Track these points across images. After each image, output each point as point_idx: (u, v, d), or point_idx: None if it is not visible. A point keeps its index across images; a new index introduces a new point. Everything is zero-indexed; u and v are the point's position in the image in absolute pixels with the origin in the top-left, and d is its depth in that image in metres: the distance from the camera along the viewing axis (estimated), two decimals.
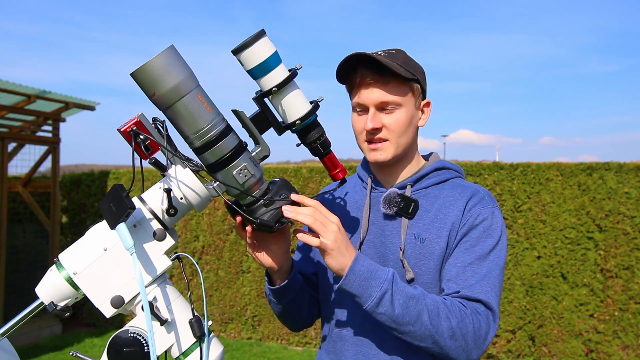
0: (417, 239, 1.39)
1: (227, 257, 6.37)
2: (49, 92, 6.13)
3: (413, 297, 1.26)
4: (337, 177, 1.39)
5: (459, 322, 1.25)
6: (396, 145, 1.43)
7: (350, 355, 1.42)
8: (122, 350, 1.11)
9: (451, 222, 1.38)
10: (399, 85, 1.40)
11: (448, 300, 1.29)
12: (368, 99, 1.41)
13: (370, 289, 1.25)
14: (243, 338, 6.36)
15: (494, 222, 1.38)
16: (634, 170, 5.04)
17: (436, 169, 1.48)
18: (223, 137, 1.19)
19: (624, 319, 4.99)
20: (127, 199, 1.07)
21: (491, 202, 1.42)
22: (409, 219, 1.42)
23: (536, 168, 5.34)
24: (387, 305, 1.25)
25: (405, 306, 1.25)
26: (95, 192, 7.23)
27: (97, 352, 5.78)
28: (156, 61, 1.12)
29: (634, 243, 4.98)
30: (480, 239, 1.36)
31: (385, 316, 1.25)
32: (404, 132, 1.43)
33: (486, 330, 1.29)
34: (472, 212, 1.38)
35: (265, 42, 1.23)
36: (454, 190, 1.44)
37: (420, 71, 1.46)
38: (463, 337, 1.26)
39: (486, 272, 1.33)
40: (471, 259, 1.34)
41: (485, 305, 1.30)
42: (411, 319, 1.25)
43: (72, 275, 1.13)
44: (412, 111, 1.44)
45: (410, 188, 1.45)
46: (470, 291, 1.31)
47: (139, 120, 1.16)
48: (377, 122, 1.41)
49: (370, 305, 1.25)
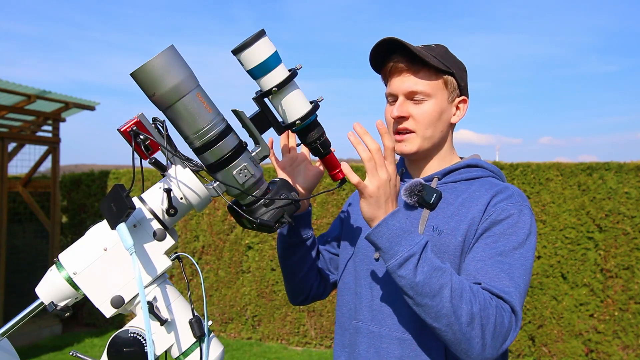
0: (435, 231, 1.34)
1: (227, 257, 6.37)
2: (49, 92, 6.12)
3: (439, 268, 1.18)
4: (337, 177, 1.39)
5: (481, 310, 1.16)
6: (422, 137, 1.40)
7: (364, 348, 1.40)
8: (122, 350, 1.11)
9: (472, 217, 1.32)
10: (430, 76, 1.38)
11: (475, 287, 1.20)
12: (397, 88, 1.40)
13: (398, 246, 1.18)
14: (243, 338, 6.36)
15: (521, 219, 1.29)
16: (634, 170, 5.04)
17: (468, 166, 1.44)
18: (223, 137, 1.19)
19: (624, 319, 4.99)
20: (127, 199, 1.07)
21: (521, 200, 1.34)
22: (430, 209, 1.38)
23: (536, 168, 5.35)
24: (410, 269, 1.17)
25: (428, 275, 1.17)
26: (95, 192, 7.23)
27: (97, 352, 5.77)
28: (156, 61, 1.12)
29: (634, 243, 4.98)
30: (503, 235, 1.28)
31: (405, 280, 1.18)
32: (431, 124, 1.39)
33: (507, 330, 1.19)
34: (497, 207, 1.31)
35: (265, 42, 1.23)
36: (483, 186, 1.38)
37: (458, 66, 1.43)
38: (481, 327, 1.16)
39: (509, 269, 1.24)
40: (492, 254, 1.26)
41: (510, 305, 1.21)
42: (431, 291, 1.16)
43: (72, 275, 1.13)
44: (443, 104, 1.41)
45: (437, 181, 1.42)
46: (493, 286, 1.22)
47: (139, 120, 1.16)
48: (404, 111, 1.39)
49: (393, 264, 1.18)
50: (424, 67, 1.38)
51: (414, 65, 1.38)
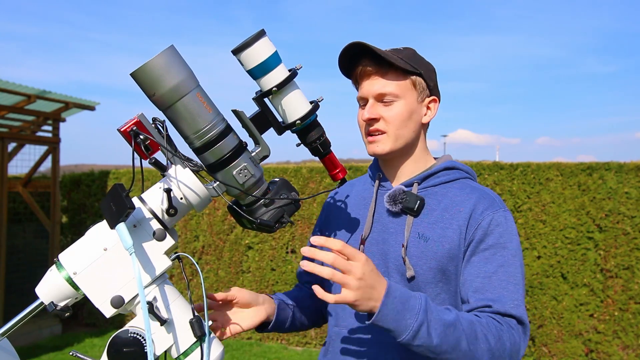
0: (421, 238, 1.37)
1: (227, 257, 6.37)
2: (49, 92, 6.12)
3: (450, 324, 1.20)
4: (337, 177, 1.39)
5: (496, 342, 1.23)
6: (394, 137, 1.42)
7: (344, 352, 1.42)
8: (122, 350, 1.11)
9: (458, 225, 1.36)
10: (398, 77, 1.41)
11: (483, 318, 1.26)
12: (367, 91, 1.42)
13: (404, 321, 1.17)
14: (243, 338, 6.36)
15: (508, 226, 1.36)
16: (634, 170, 5.04)
17: (446, 168, 1.46)
18: (223, 137, 1.19)
19: (624, 319, 4.99)
20: (126, 199, 1.07)
21: (501, 204, 1.39)
22: (414, 216, 1.40)
23: (536, 168, 5.34)
24: (424, 338, 1.18)
25: (443, 335, 1.19)
26: (95, 192, 7.23)
27: (97, 352, 5.78)
28: (156, 61, 1.12)
29: (634, 243, 4.98)
30: (499, 247, 1.33)
31: (423, 347, 1.19)
32: (402, 125, 1.42)
33: (519, 345, 1.27)
34: (484, 216, 1.35)
35: (265, 42, 1.23)
36: (462, 190, 1.42)
37: (426, 67, 1.45)
38: (500, 355, 1.24)
39: (513, 281, 1.31)
40: (494, 268, 1.32)
41: (518, 320, 1.28)
42: (449, 347, 1.19)
43: (72, 275, 1.13)
44: (412, 105, 1.43)
45: (417, 186, 1.44)
46: (502, 306, 1.28)
47: (139, 120, 1.16)
48: (374, 113, 1.41)
49: (407, 339, 1.18)
50: (391, 69, 1.40)
51: (382, 68, 1.40)
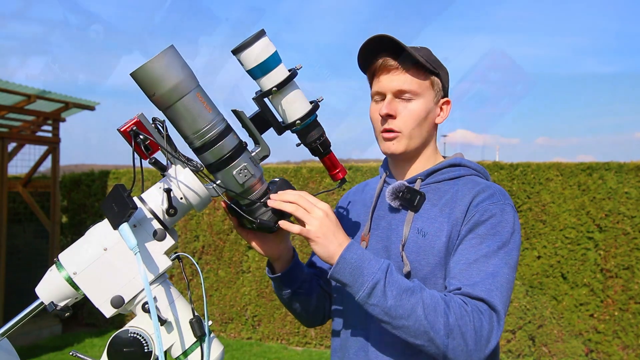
0: (420, 233, 1.35)
1: (227, 257, 6.37)
2: (49, 92, 6.12)
3: (408, 289, 1.20)
4: (337, 177, 1.39)
5: (457, 320, 1.18)
6: (409, 137, 1.40)
7: (353, 352, 1.41)
8: (122, 350, 1.11)
9: (455, 218, 1.33)
10: (419, 75, 1.39)
11: (448, 296, 1.23)
12: (386, 86, 1.40)
13: (361, 278, 1.20)
14: (243, 338, 6.36)
15: (503, 218, 1.31)
16: (634, 170, 5.04)
17: (451, 165, 1.44)
18: (223, 137, 1.19)
19: (624, 319, 4.99)
20: (128, 199, 1.08)
21: (503, 198, 1.35)
22: (414, 212, 1.39)
23: (536, 168, 5.35)
24: (379, 296, 1.19)
25: (398, 297, 1.19)
26: (95, 192, 7.23)
27: (97, 352, 5.77)
28: (156, 61, 1.12)
29: (634, 243, 4.98)
30: (487, 236, 1.29)
31: (378, 308, 1.20)
32: (418, 124, 1.40)
33: (488, 331, 1.20)
34: (480, 207, 1.32)
35: (265, 42, 1.23)
36: (466, 185, 1.38)
37: (443, 69, 1.45)
38: (462, 336, 1.18)
39: (493, 270, 1.26)
40: (476, 256, 1.27)
41: (489, 304, 1.22)
42: (405, 312, 1.18)
43: (72, 275, 1.13)
44: (429, 105, 1.42)
45: (421, 182, 1.42)
46: (473, 289, 1.23)
47: (139, 120, 1.16)
48: (392, 109, 1.39)
49: (362, 296, 1.20)
50: (414, 66, 1.39)
51: (404, 63, 1.39)
